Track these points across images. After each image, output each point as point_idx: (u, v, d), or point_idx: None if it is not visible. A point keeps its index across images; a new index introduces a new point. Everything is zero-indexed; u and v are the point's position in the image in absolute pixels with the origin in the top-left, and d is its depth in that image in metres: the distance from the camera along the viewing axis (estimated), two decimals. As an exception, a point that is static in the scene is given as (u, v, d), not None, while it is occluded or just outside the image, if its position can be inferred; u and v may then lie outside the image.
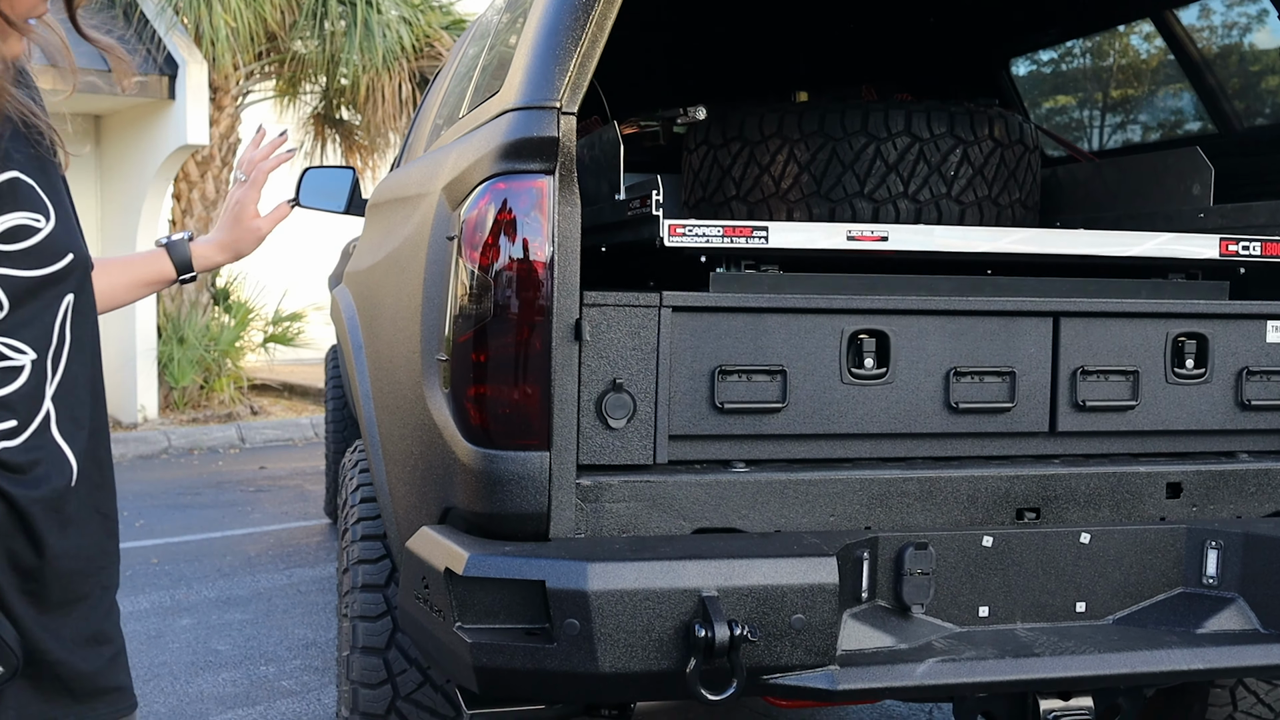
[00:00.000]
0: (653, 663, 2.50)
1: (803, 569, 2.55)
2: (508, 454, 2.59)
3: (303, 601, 6.21)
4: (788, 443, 2.88)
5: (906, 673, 2.63)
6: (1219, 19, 4.29)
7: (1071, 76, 4.91)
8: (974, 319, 2.96)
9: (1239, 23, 4.30)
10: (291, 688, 4.95)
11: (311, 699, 4.82)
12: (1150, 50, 4.51)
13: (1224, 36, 4.27)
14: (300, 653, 5.39)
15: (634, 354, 2.73)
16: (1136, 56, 4.55)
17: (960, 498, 2.90)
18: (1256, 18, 4.22)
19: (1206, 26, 4.27)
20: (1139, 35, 4.54)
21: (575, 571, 2.47)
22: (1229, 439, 3.18)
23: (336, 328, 3.93)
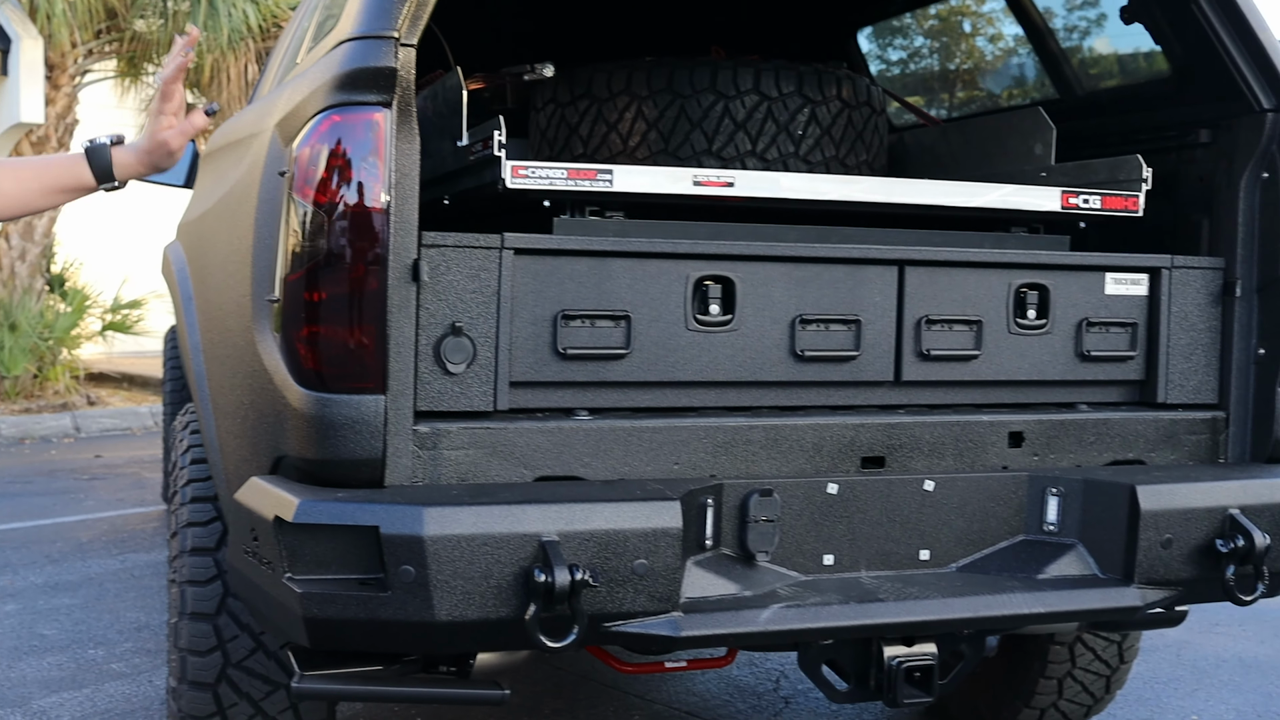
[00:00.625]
0: (491, 610, 2.42)
1: (646, 513, 2.50)
2: (341, 398, 2.49)
3: (136, 586, 5.99)
4: (632, 390, 2.82)
5: (750, 619, 2.59)
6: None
7: (918, 45, 4.95)
8: (820, 266, 2.93)
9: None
10: (122, 670, 4.76)
11: (143, 680, 4.64)
12: (995, 17, 4.56)
13: (1065, 1, 4.33)
14: (131, 636, 5.19)
15: (474, 297, 2.64)
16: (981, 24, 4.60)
17: (805, 446, 2.87)
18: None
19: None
20: (983, 3, 4.59)
21: (410, 516, 2.38)
22: (1069, 390, 3.20)
23: (167, 284, 3.78)
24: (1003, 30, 4.46)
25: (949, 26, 4.80)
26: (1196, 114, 3.45)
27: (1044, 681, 3.95)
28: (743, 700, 4.51)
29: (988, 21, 4.60)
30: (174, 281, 3.61)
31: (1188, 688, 4.81)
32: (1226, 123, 3.35)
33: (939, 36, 4.82)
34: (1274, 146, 3.23)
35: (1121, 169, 3.38)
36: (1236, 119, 3.32)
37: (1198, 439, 3.25)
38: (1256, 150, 3.26)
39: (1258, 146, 3.25)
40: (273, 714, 3.17)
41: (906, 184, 3.08)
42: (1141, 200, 3.27)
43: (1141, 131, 3.65)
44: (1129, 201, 3.26)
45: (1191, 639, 5.44)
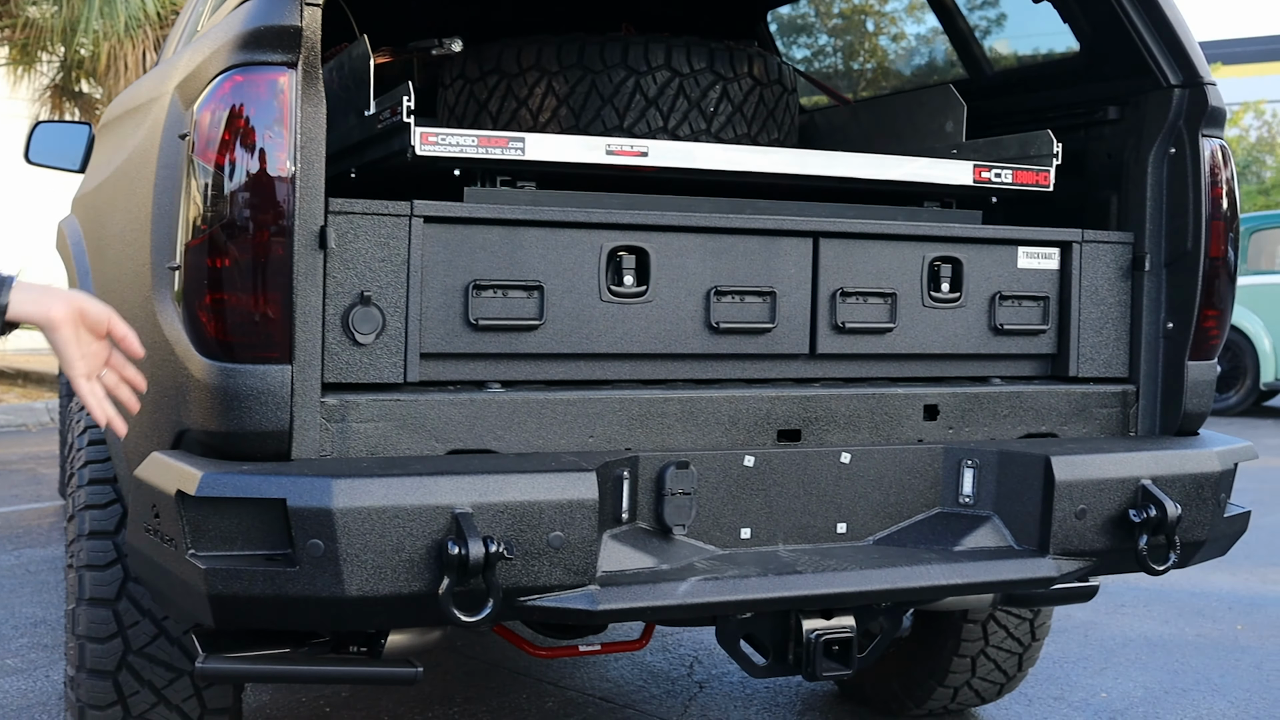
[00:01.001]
0: (403, 584, 2.35)
1: (561, 484, 2.45)
2: (246, 368, 2.41)
3: (32, 581, 5.82)
4: (545, 362, 2.77)
5: (668, 592, 2.55)
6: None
7: (830, 27, 4.95)
8: (734, 238, 2.90)
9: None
10: (17, 665, 4.61)
11: (39, 676, 4.49)
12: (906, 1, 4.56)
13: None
14: (28, 631, 5.03)
15: (383, 266, 2.58)
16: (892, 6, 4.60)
17: (721, 419, 2.84)
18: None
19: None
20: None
21: (319, 488, 2.31)
22: (982, 363, 3.21)
23: (62, 259, 3.66)
24: (913, 13, 4.47)
25: (858, 9, 4.81)
26: (1105, 91, 3.48)
27: (958, 660, 3.96)
28: (657, 685, 4.48)
29: (897, 3, 4.61)
30: (69, 256, 3.49)
31: (1096, 666, 4.86)
32: (1135, 99, 3.38)
33: (848, 19, 4.82)
34: (1181, 122, 3.26)
35: (1032, 144, 3.39)
36: (1144, 95, 3.34)
37: (1108, 412, 3.27)
38: (1164, 126, 3.28)
39: (1165, 122, 3.28)
40: (175, 702, 3.07)
41: (820, 156, 3.06)
42: (1052, 175, 3.28)
43: (1050, 109, 3.67)
44: (1040, 176, 3.27)
45: (1098, 620, 5.50)
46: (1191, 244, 3.22)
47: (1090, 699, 4.47)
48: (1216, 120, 3.26)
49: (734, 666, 4.68)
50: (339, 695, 4.23)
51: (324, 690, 4.27)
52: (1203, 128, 3.24)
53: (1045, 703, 4.42)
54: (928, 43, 4.39)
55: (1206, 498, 3.06)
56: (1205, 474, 3.06)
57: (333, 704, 4.17)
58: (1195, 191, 3.23)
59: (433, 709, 4.15)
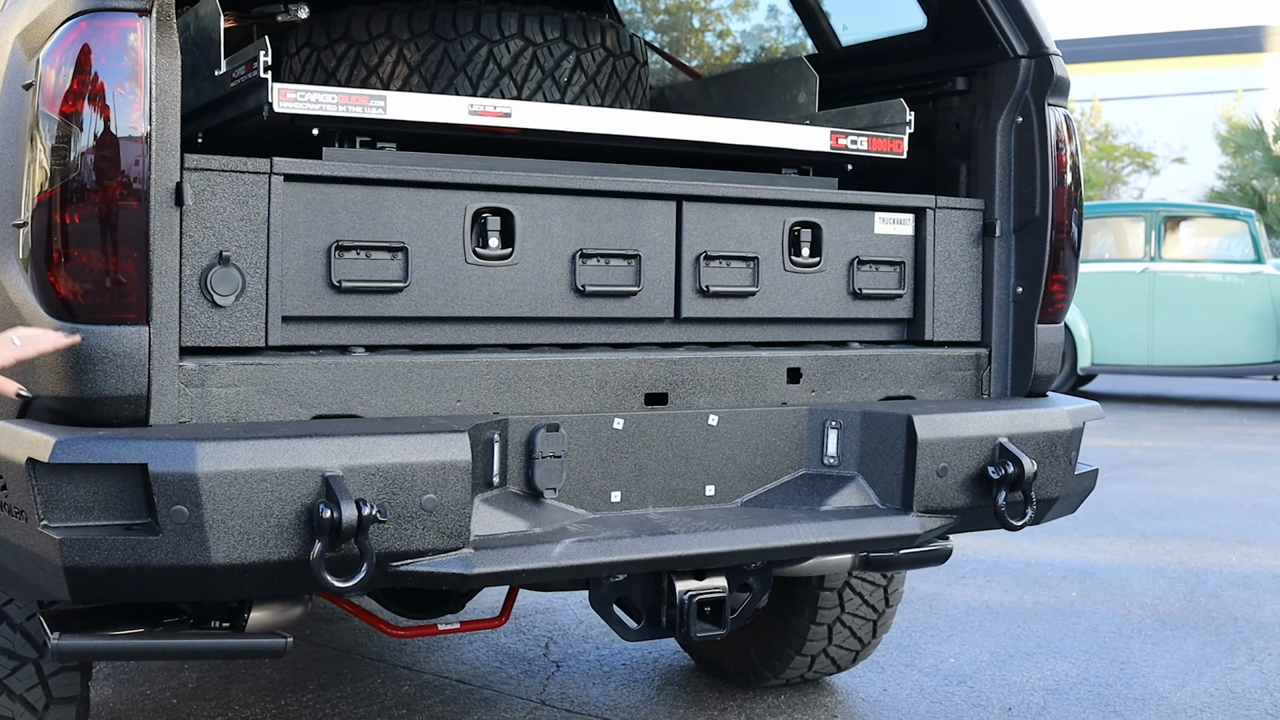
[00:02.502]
0: (272, 551, 2.28)
1: (433, 446, 2.40)
2: (99, 329, 2.31)
3: None
4: (410, 326, 2.71)
5: (543, 554, 2.52)
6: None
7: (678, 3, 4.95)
8: (600, 200, 2.88)
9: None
10: None
11: None
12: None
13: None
14: None
15: (242, 225, 2.49)
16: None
17: (590, 383, 2.81)
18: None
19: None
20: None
21: (183, 452, 2.22)
22: (842, 328, 3.24)
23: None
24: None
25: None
26: (953, 63, 3.54)
27: (814, 628, 4.00)
28: (514, 666, 4.43)
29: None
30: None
31: (942, 634, 4.96)
32: (983, 70, 3.45)
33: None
34: (1028, 92, 3.33)
35: (885, 113, 3.44)
36: (992, 66, 3.41)
37: (963, 375, 3.33)
38: (1011, 96, 3.36)
39: (1012, 92, 3.35)
40: (19, 692, 2.92)
41: (682, 120, 3.06)
42: (905, 143, 3.33)
43: (899, 81, 3.73)
44: (894, 144, 3.32)
45: (942, 591, 5.62)
46: (1040, 210, 3.30)
47: (939, 664, 4.57)
48: (1062, 90, 3.35)
49: (590, 644, 4.66)
50: (185, 686, 4.09)
51: (170, 682, 4.13)
52: (1049, 97, 3.32)
53: (897, 669, 4.50)
54: (774, 17, 4.41)
55: (1059, 455, 3.14)
56: (1058, 432, 3.14)
57: (180, 695, 4.03)
58: (1043, 159, 3.31)
59: (285, 697, 4.04)
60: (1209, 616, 5.28)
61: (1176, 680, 4.42)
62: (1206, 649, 4.80)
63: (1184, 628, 5.09)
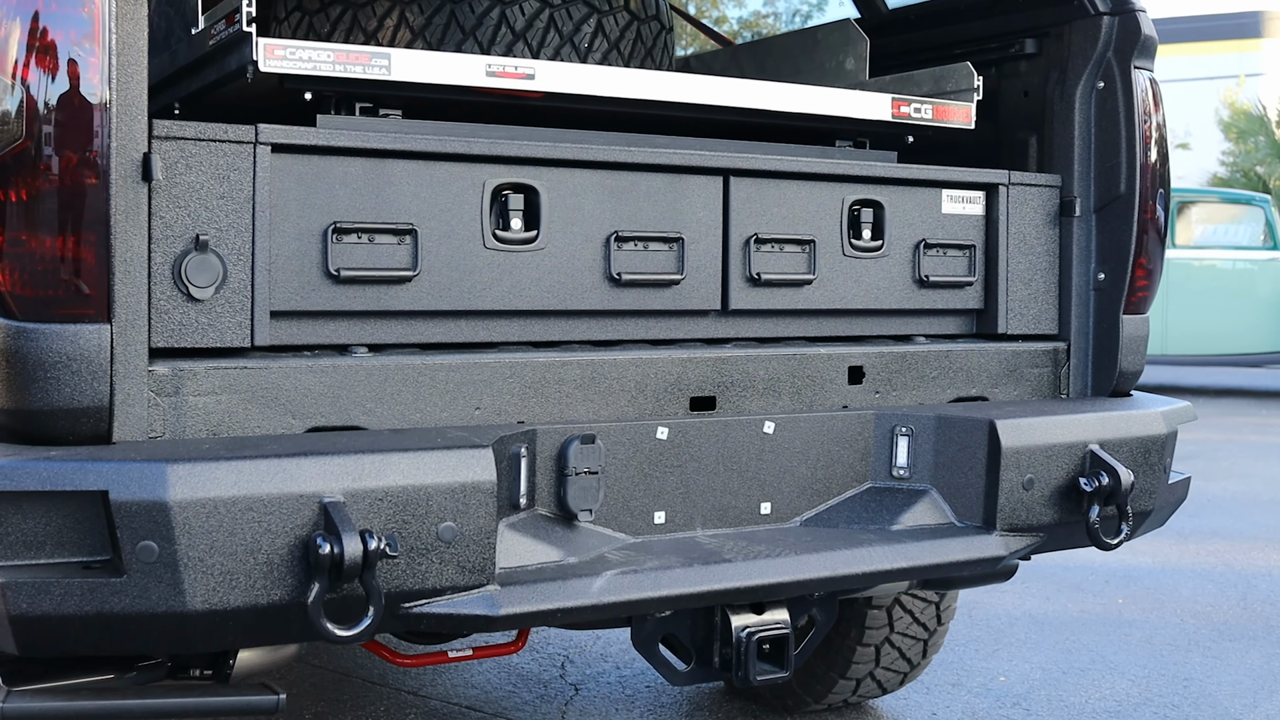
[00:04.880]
0: (261, 594, 1.89)
1: (451, 464, 2.01)
2: (50, 328, 1.92)
3: None
4: (421, 321, 2.33)
5: (580, 590, 2.14)
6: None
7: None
8: (636, 175, 2.50)
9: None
10: None
11: None
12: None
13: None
14: None
15: (223, 204, 2.10)
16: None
17: (627, 386, 2.44)
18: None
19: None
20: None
21: (150, 476, 1.83)
22: (906, 320, 2.87)
23: None
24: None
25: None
26: (1021, 23, 3.16)
27: (860, 649, 3.62)
28: (528, 690, 4.06)
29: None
30: None
31: (987, 649, 4.60)
32: (1057, 30, 3.07)
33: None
34: (1110, 53, 2.96)
35: (948, 79, 3.06)
36: (1068, 25, 3.03)
37: (1039, 372, 2.96)
38: (1091, 58, 2.98)
39: (1093, 54, 2.98)
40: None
41: (731, 84, 2.67)
42: (973, 111, 2.95)
43: (956, 45, 3.34)
44: (961, 112, 2.94)
45: (979, 599, 5.25)
46: (1125, 187, 2.93)
47: (989, 684, 4.20)
48: (1149, 50, 2.98)
49: (610, 663, 4.29)
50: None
51: (150, 713, 3.74)
52: (1135, 58, 2.95)
53: (944, 690, 4.13)
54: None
55: (1154, 463, 2.77)
56: (1152, 437, 2.77)
57: None
58: (1128, 130, 2.93)
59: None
60: (1268, 626, 4.92)
61: (1246, 699, 4.05)
62: (1273, 662, 4.44)
63: (1243, 638, 4.73)
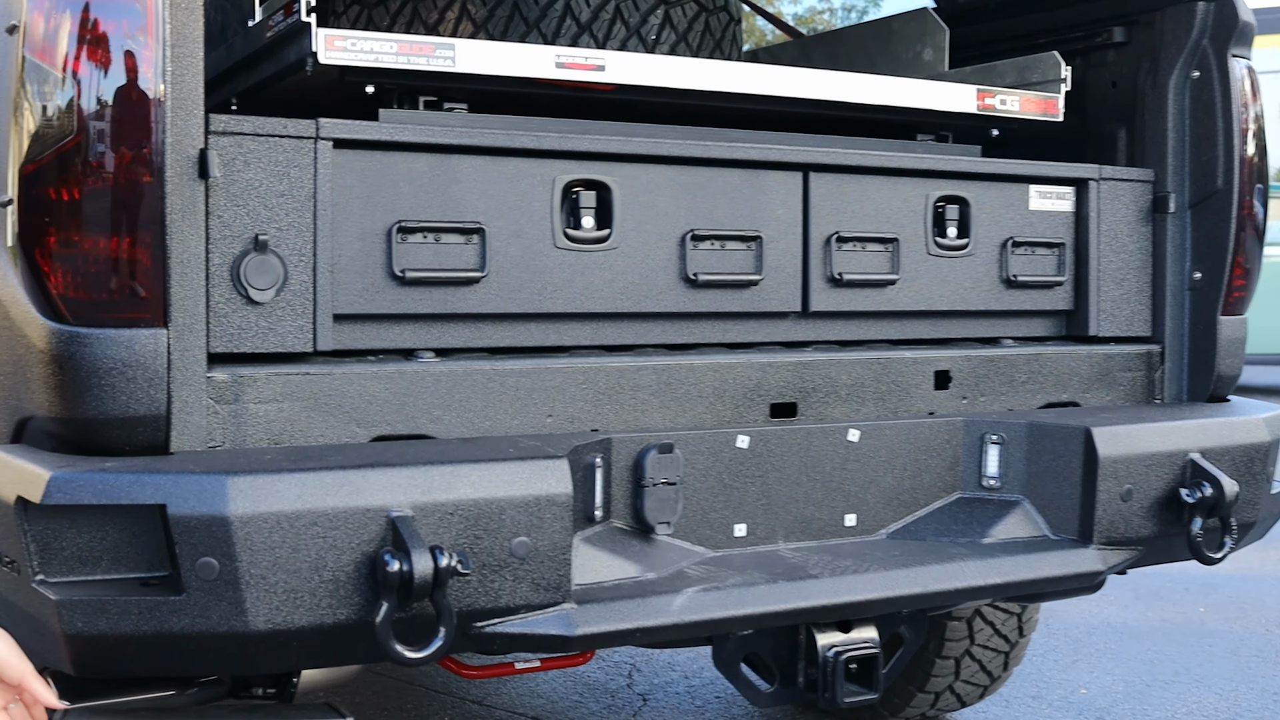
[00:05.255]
0: (326, 613, 1.79)
1: (526, 476, 1.91)
2: (104, 333, 1.83)
3: None
4: (489, 324, 2.22)
5: (661, 608, 2.02)
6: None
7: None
8: (713, 171, 2.38)
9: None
10: None
11: None
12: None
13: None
14: None
15: (283, 202, 2.01)
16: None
17: (704, 392, 2.32)
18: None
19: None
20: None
21: (211, 489, 1.74)
22: (992, 322, 2.73)
23: None
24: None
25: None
26: (1108, 10, 3.02)
27: (940, 662, 3.49)
28: (595, 699, 3.95)
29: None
30: None
31: (1066, 659, 4.44)
32: (1147, 18, 2.92)
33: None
34: (1206, 41, 2.81)
35: (1034, 70, 2.92)
36: (1160, 12, 2.89)
37: (1133, 377, 2.82)
38: (1186, 46, 2.83)
39: (1187, 42, 2.83)
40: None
41: (812, 75, 2.55)
42: (1061, 103, 2.82)
43: (1038, 35, 3.20)
44: (1048, 104, 2.81)
45: (1055, 607, 5.08)
46: (1223, 181, 2.78)
47: (1070, 696, 4.05)
48: (1246, 38, 2.83)
49: (678, 672, 4.17)
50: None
51: None
52: (1232, 46, 2.80)
53: (1023, 702, 3.98)
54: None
55: (1258, 472, 2.62)
56: (1256, 445, 2.62)
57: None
58: (1225, 121, 2.79)
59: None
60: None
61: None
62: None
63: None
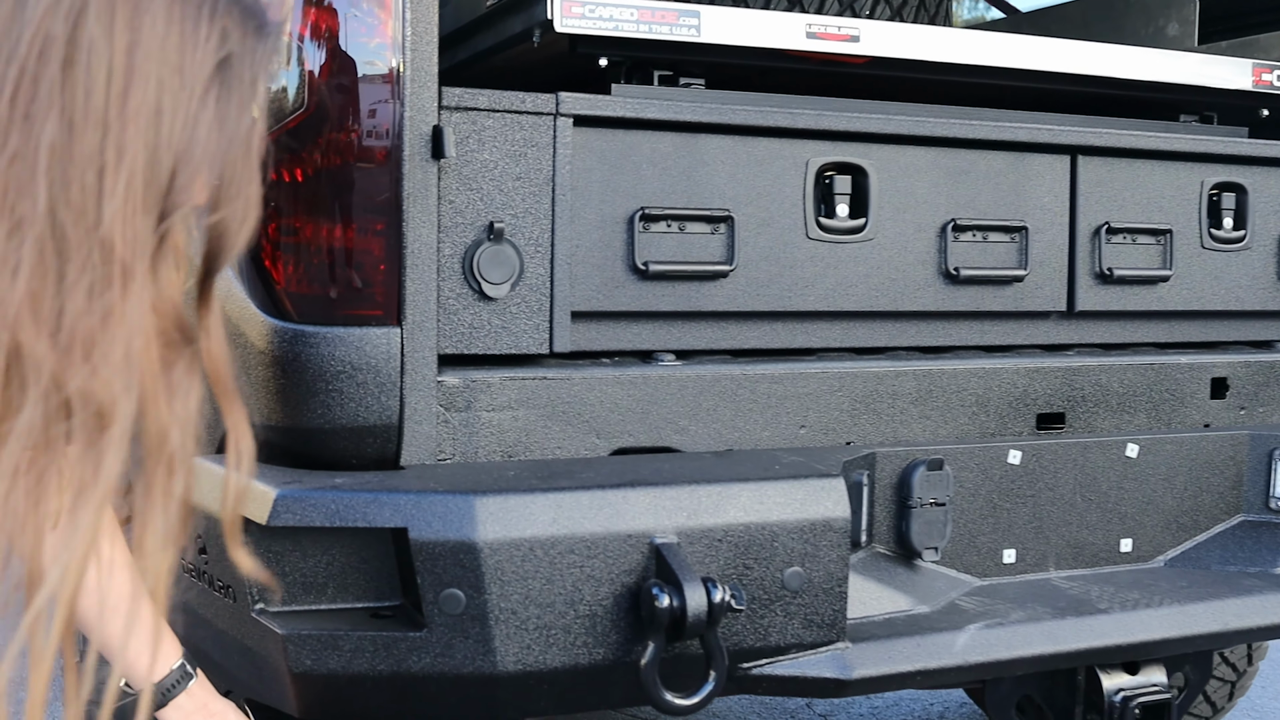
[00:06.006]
0: (582, 652, 1.58)
1: (800, 498, 1.67)
2: (334, 331, 1.63)
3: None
4: (734, 324, 1.99)
5: (943, 648, 1.78)
6: None
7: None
8: (975, 154, 2.13)
9: None
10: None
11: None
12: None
13: None
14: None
15: (519, 186, 1.79)
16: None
17: (967, 400, 2.07)
18: None
19: None
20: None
21: (458, 511, 1.53)
22: (1267, 323, 2.44)
23: None
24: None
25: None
26: None
27: (1166, 695, 3.19)
28: (773, 717, 3.71)
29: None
30: None
31: (1278, 688, 4.11)
32: None
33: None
34: None
35: (1308, 43, 2.62)
36: None
37: None
38: None
39: None
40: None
41: (1083, 48, 2.27)
42: (1341, 79, 2.51)
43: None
44: (1325, 80, 2.50)
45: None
46: None
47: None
48: None
49: (861, 698, 3.92)
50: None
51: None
52: None
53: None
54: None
55: None
56: None
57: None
58: None
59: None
60: None
61: None
62: None
63: None
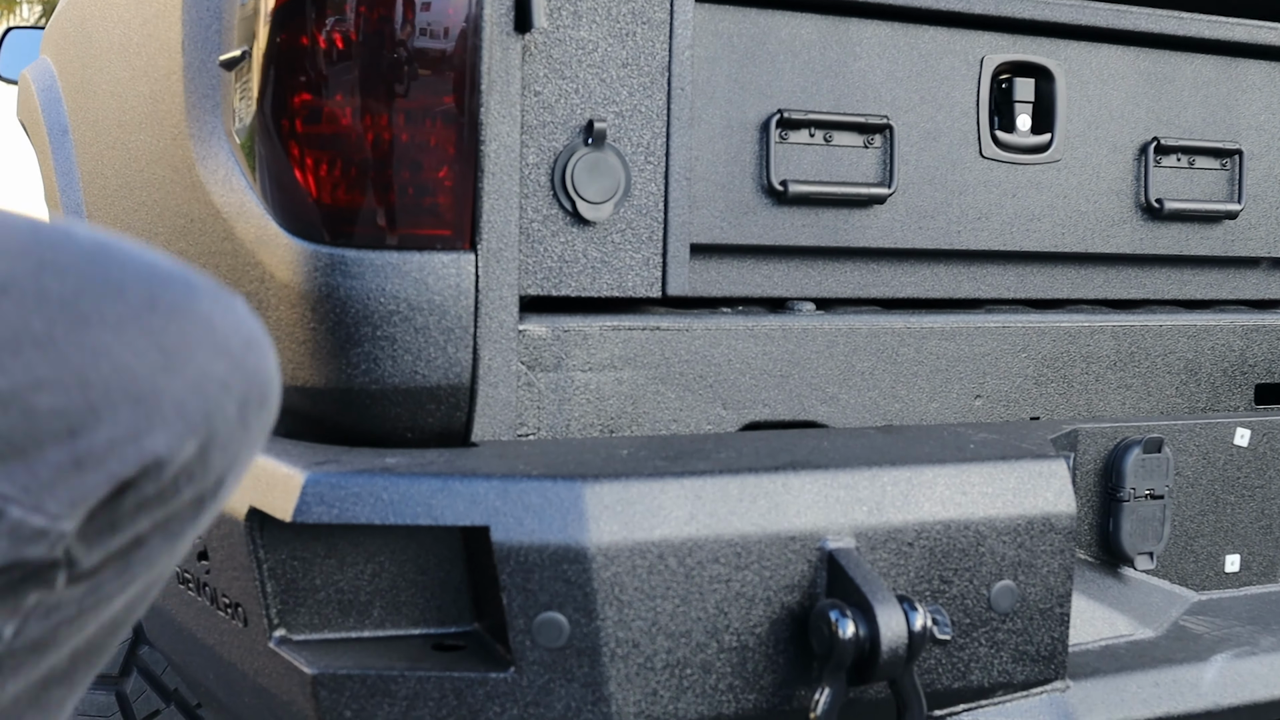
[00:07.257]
0: (726, 699, 1.14)
1: (1014, 486, 1.23)
2: (384, 257, 1.19)
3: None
4: (887, 265, 1.55)
5: (1188, 686, 1.34)
6: None
7: None
8: (1182, 57, 1.69)
9: None
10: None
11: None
12: None
13: None
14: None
15: (625, 75, 1.36)
16: None
17: (1174, 367, 1.63)
18: None
19: None
20: None
21: (560, 503, 1.09)
22: None
23: (27, 129, 2.41)
24: None
25: None
26: None
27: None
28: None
29: None
30: (37, 114, 2.19)
31: None
32: None
33: None
34: None
35: None
36: None
37: None
38: None
39: None
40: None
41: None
42: None
43: None
44: None
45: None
46: None
47: None
48: None
49: (952, 718, 3.47)
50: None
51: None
52: None
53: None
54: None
55: None
56: None
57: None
58: None
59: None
60: None
61: None
62: None
63: None
